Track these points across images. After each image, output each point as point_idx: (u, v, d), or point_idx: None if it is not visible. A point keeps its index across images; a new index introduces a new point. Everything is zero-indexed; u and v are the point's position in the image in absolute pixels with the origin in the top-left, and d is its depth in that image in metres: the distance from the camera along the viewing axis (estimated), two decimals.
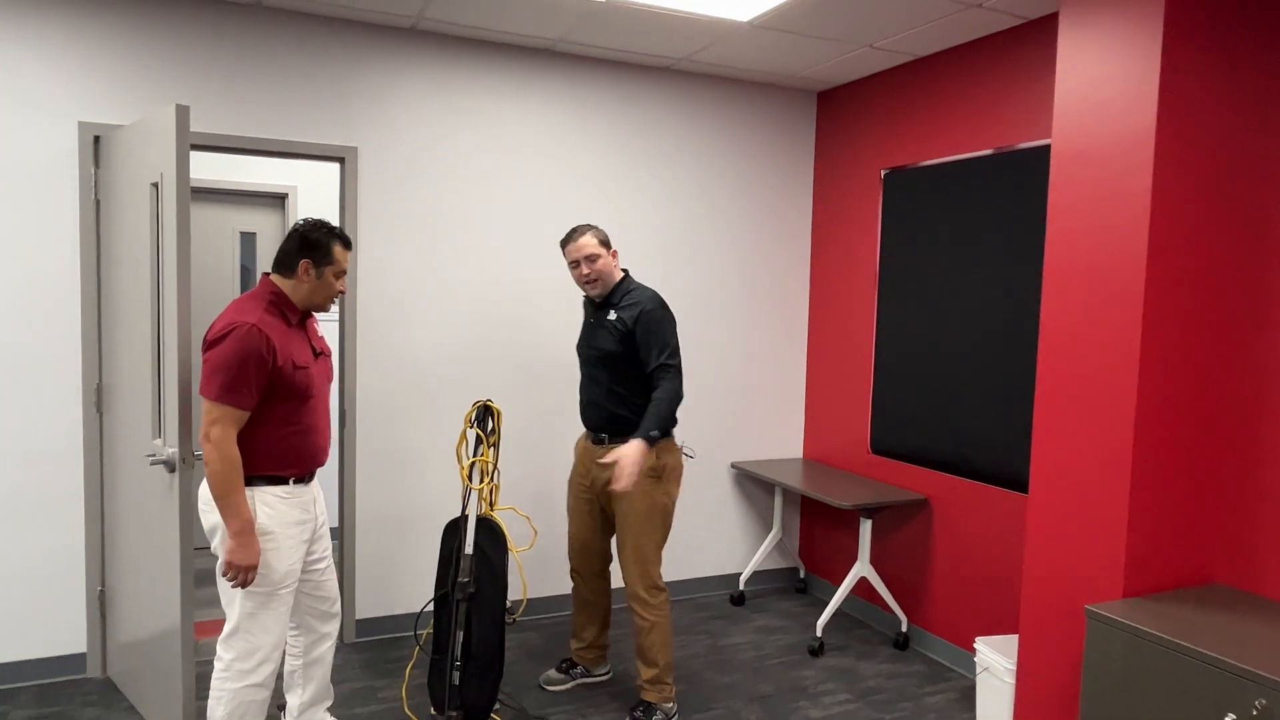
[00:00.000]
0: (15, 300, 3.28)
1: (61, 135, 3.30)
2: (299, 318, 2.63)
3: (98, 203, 3.34)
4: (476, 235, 3.98)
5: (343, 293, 2.69)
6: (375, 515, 3.88)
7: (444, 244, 3.92)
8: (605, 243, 3.13)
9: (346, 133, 3.71)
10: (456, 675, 2.87)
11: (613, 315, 3.12)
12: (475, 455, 3.07)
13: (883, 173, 4.21)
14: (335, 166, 3.81)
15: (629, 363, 3.09)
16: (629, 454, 2.88)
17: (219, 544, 2.49)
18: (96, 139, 3.33)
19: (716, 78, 4.40)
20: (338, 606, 2.86)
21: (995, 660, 3.11)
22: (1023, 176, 3.45)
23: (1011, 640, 3.18)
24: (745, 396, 4.64)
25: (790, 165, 4.65)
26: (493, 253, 4.02)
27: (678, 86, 4.33)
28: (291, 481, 2.58)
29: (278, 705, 3.09)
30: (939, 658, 3.87)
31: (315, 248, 2.58)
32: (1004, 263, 3.54)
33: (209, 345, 2.43)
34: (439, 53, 3.84)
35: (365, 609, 3.89)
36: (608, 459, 2.95)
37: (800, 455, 4.81)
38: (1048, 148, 3.33)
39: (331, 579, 2.82)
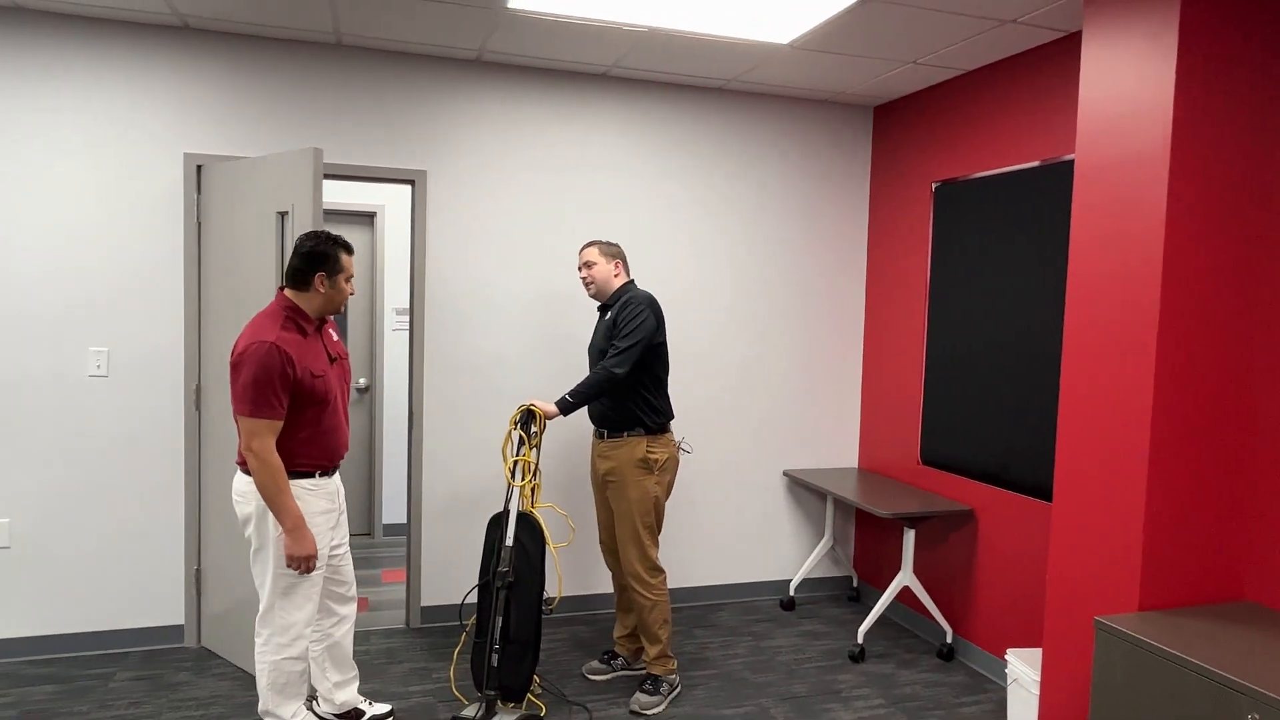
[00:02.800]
0: (128, 310, 3.72)
1: (169, 165, 3.74)
2: (314, 327, 2.85)
3: (199, 224, 3.76)
4: (533, 250, 4.24)
5: (353, 293, 2.95)
6: (439, 509, 4.18)
7: (503, 257, 4.20)
8: (610, 255, 3.47)
9: (417, 157, 4.03)
10: (495, 657, 3.11)
11: (608, 316, 3.44)
12: (518, 454, 3.30)
13: (934, 185, 4.24)
14: (409, 188, 4.14)
15: None
16: (543, 405, 3.30)
17: (251, 532, 2.81)
18: (199, 168, 3.75)
19: (770, 96, 4.54)
20: (354, 590, 3.11)
21: (1023, 672, 3.12)
22: (1068, 188, 3.45)
23: (1039, 652, 3.18)
24: (800, 406, 4.73)
25: (846, 179, 4.73)
26: (548, 266, 4.27)
27: (731, 105, 4.49)
28: (318, 474, 2.84)
29: (308, 696, 3.23)
30: (981, 669, 3.87)
31: (326, 259, 2.80)
32: (1048, 274, 3.54)
33: (234, 366, 2.68)
34: (500, 81, 4.12)
35: (429, 597, 4.19)
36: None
37: (855, 465, 4.86)
38: None
39: (349, 564, 3.08)
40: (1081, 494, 2.77)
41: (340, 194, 5.18)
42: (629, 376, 3.31)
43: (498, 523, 3.25)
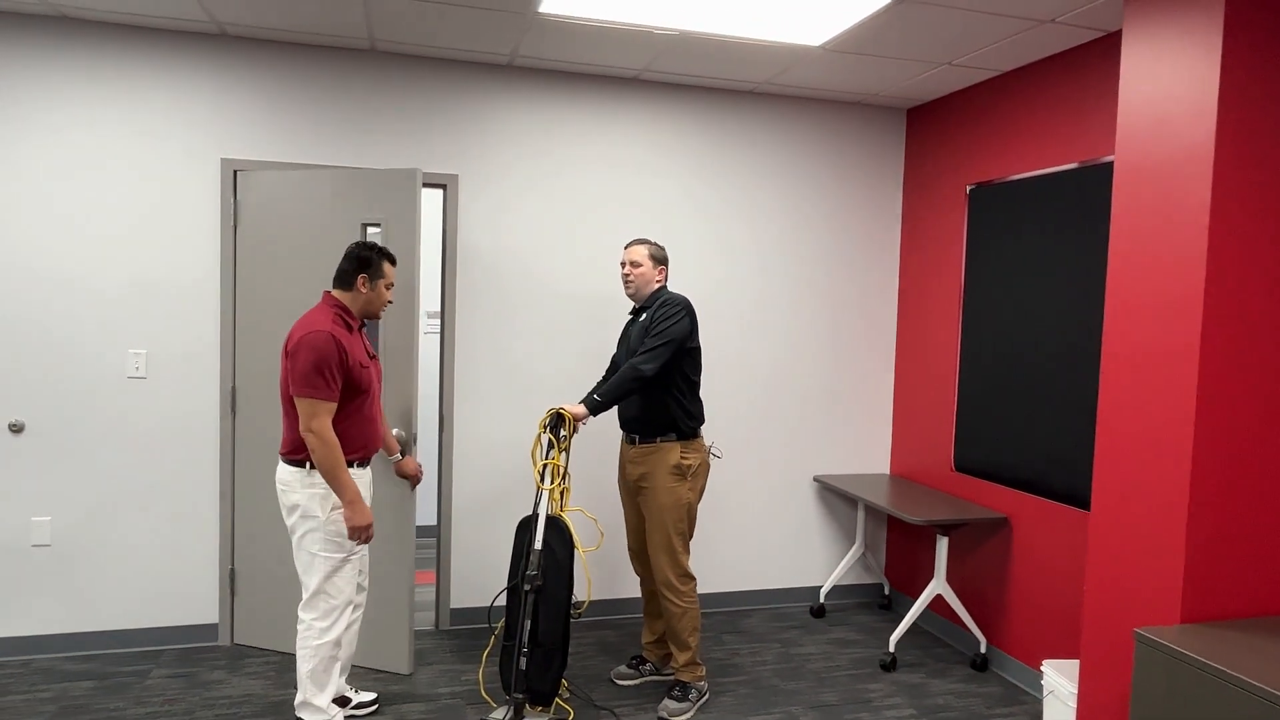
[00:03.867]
0: (166, 312, 3.79)
1: (206, 169, 3.79)
2: (358, 325, 3.08)
3: (235, 228, 3.82)
4: (564, 253, 4.25)
5: (391, 302, 3.15)
6: (469, 511, 4.20)
7: (534, 260, 4.21)
8: (656, 259, 3.44)
9: (449, 161, 4.06)
10: (524, 660, 3.11)
11: (642, 318, 3.41)
12: (547, 458, 3.31)
13: (968, 188, 4.19)
14: (440, 192, 4.17)
15: None
16: (571, 408, 3.26)
17: (296, 520, 2.96)
18: (235, 173, 3.81)
19: (801, 99, 4.51)
20: (367, 579, 3.29)
21: (1060, 684, 3.06)
22: (1107, 190, 3.39)
23: (1077, 664, 3.12)
24: (831, 411, 4.69)
25: (879, 181, 4.68)
26: (578, 268, 4.27)
27: (762, 108, 4.46)
28: (355, 465, 3.02)
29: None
30: (1016, 681, 3.80)
31: (368, 265, 3.04)
32: (1086, 278, 3.47)
33: (291, 353, 2.88)
34: (532, 85, 4.14)
35: (459, 599, 4.21)
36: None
37: (887, 471, 4.80)
38: None
39: (365, 555, 3.25)
40: (1121, 503, 2.71)
41: None
42: (658, 377, 3.29)
43: (526, 526, 3.26)
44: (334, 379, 2.86)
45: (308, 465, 2.92)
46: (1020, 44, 3.52)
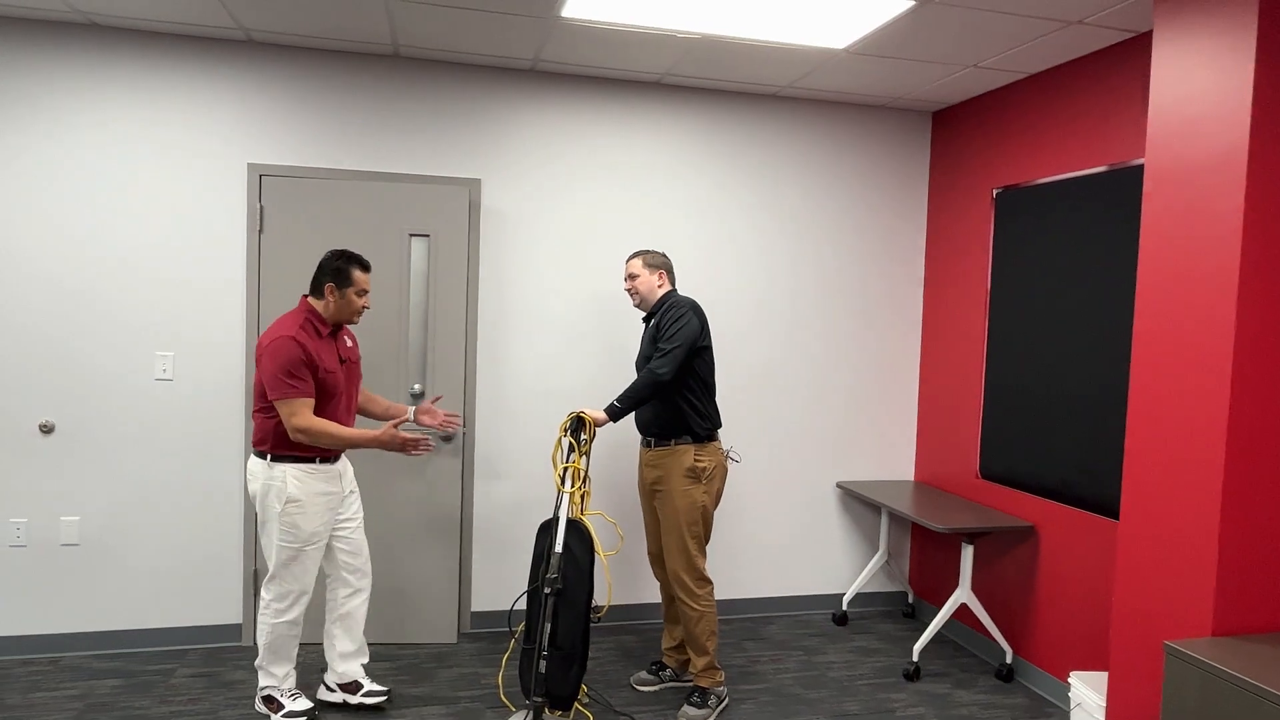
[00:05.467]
0: (193, 315, 3.83)
1: (233, 175, 3.84)
2: (329, 331, 3.18)
3: (260, 233, 3.86)
4: (586, 256, 4.25)
5: (367, 308, 3.25)
6: (490, 515, 4.20)
7: (556, 263, 4.21)
8: (653, 265, 3.47)
9: (471, 165, 4.08)
10: (543, 664, 3.10)
11: (652, 323, 3.43)
12: (568, 461, 3.30)
13: (994, 192, 4.14)
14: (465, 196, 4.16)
15: None
16: (592, 413, 3.30)
17: (259, 507, 3.14)
18: (261, 177, 3.85)
19: (824, 102, 4.48)
20: (369, 566, 3.40)
21: (1088, 696, 3.00)
22: (1137, 193, 3.33)
23: (1106, 676, 3.06)
24: (854, 418, 4.65)
25: (904, 185, 4.64)
26: (600, 272, 4.27)
27: (785, 112, 4.44)
28: (318, 460, 3.16)
29: (319, 669, 3.63)
30: (1042, 691, 3.73)
31: (336, 274, 3.14)
32: (1115, 282, 3.42)
33: (258, 359, 3.07)
34: (554, 90, 4.15)
35: (480, 602, 4.21)
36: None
37: (911, 478, 4.75)
38: None
39: (362, 538, 3.37)
40: (1151, 512, 2.65)
41: None
42: (674, 380, 3.29)
43: (547, 529, 3.25)
44: (303, 376, 3.02)
45: (268, 457, 3.11)
46: (1047, 46, 3.47)
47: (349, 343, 3.35)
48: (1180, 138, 2.59)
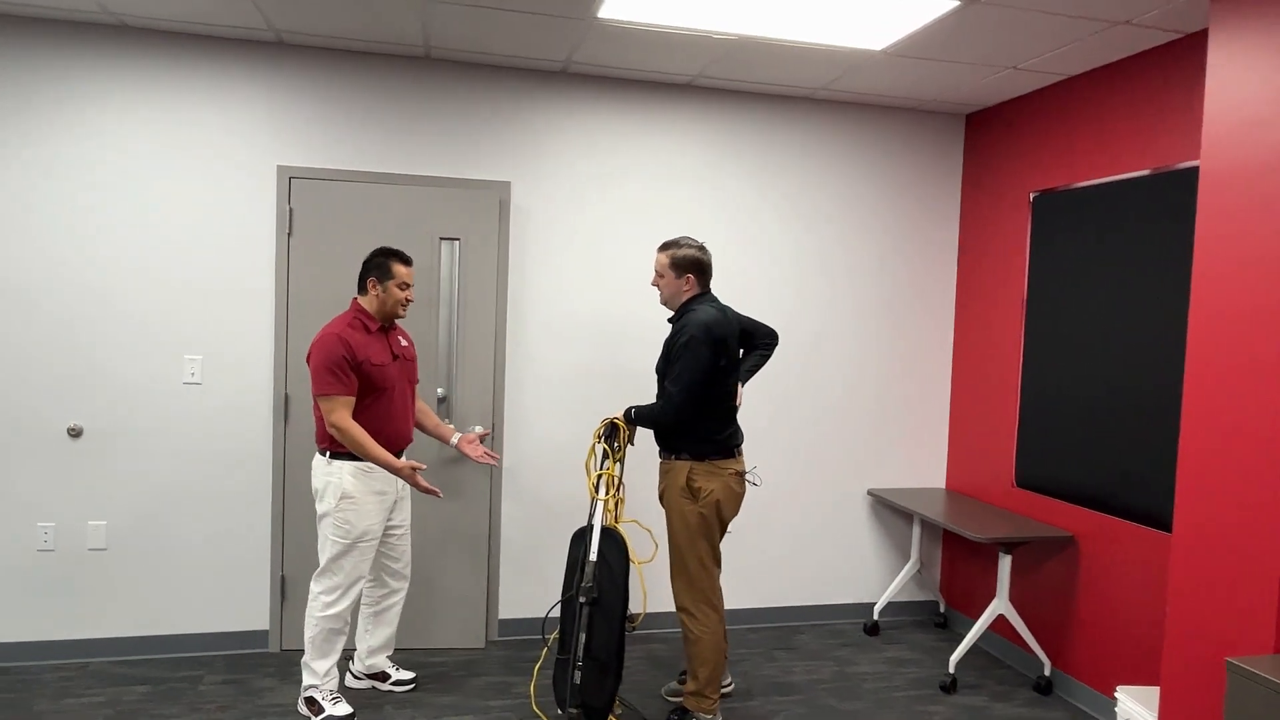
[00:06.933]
0: (221, 318, 3.80)
1: (262, 177, 3.81)
2: (378, 326, 3.26)
3: (290, 235, 3.82)
4: (617, 259, 4.20)
5: (410, 300, 3.29)
6: (518, 521, 4.15)
7: (586, 267, 4.17)
8: (680, 266, 3.21)
9: (500, 168, 4.04)
10: (578, 675, 3.05)
11: (670, 332, 3.25)
12: (602, 469, 3.25)
13: (1031, 195, 4.07)
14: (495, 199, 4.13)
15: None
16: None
17: (317, 502, 3.22)
18: (290, 180, 3.82)
19: (855, 105, 4.42)
20: (409, 569, 3.52)
21: (1136, 711, 2.93)
22: (1182, 198, 3.26)
23: (1155, 691, 2.98)
24: (885, 424, 4.58)
25: (935, 189, 4.58)
26: (631, 276, 4.22)
27: (816, 114, 4.39)
28: None
29: (346, 652, 3.62)
30: (1084, 706, 3.65)
31: (378, 268, 3.23)
32: (1161, 287, 3.34)
33: (307, 358, 3.17)
34: (584, 92, 4.11)
35: (506, 610, 4.16)
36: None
37: (943, 485, 4.68)
38: None
39: (406, 544, 3.48)
40: (1207, 523, 2.58)
41: None
42: (688, 412, 3.15)
43: (581, 537, 3.20)
44: (345, 373, 3.09)
45: (328, 455, 3.19)
46: (1092, 46, 3.41)
47: (403, 341, 3.40)
48: (1237, 139, 2.52)
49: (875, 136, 4.47)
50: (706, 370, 3.11)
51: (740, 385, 3.35)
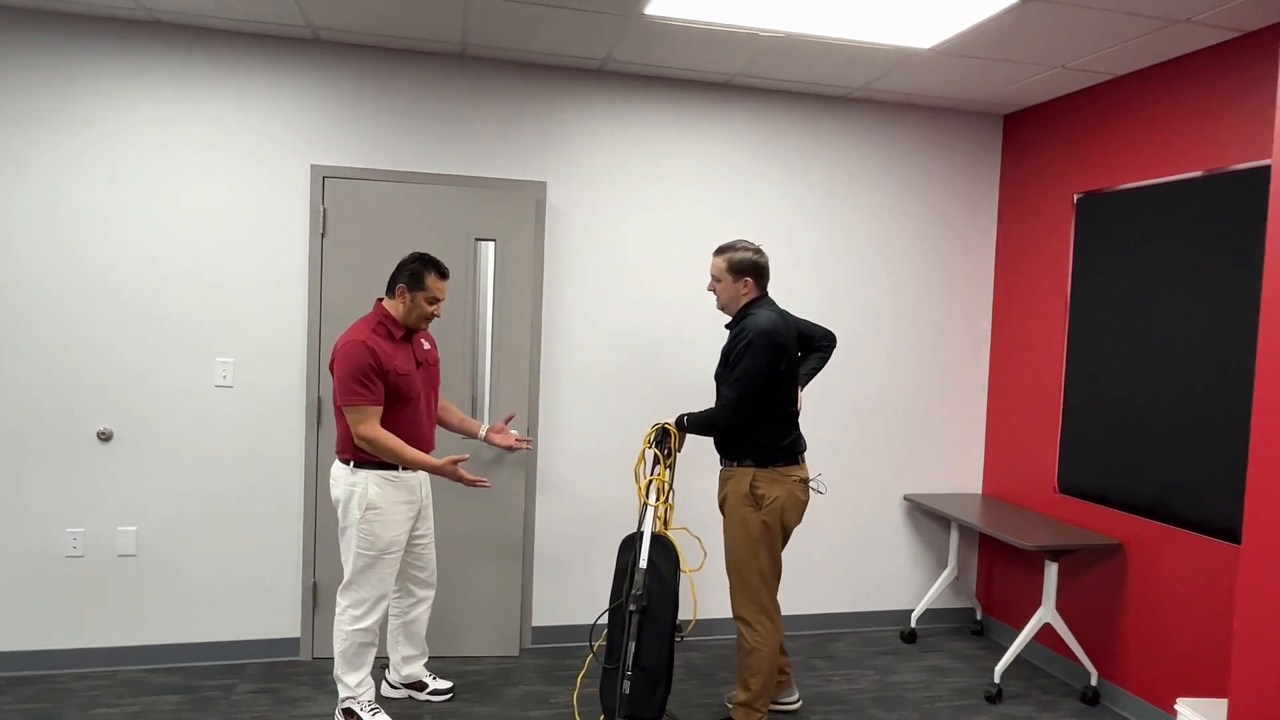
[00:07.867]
0: (253, 321, 3.73)
1: (296, 177, 3.74)
2: (403, 334, 3.14)
3: (323, 235, 3.76)
4: (655, 260, 4.14)
5: (436, 316, 3.16)
6: (553, 528, 4.08)
7: (624, 268, 4.10)
8: (737, 270, 3.16)
9: (536, 168, 3.97)
10: (627, 685, 2.98)
11: (729, 336, 3.19)
12: (652, 474, 3.19)
13: (1075, 197, 4.01)
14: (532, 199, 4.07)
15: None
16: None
17: (339, 513, 3.13)
18: (324, 179, 3.75)
19: (895, 104, 4.36)
20: (434, 578, 3.44)
21: None
22: (1238, 200, 3.20)
23: (1219, 705, 2.92)
24: (921, 429, 4.52)
25: (974, 190, 4.52)
26: (670, 277, 4.16)
27: (856, 114, 4.33)
28: (400, 468, 3.11)
29: (381, 666, 3.63)
30: (1132, 716, 3.59)
31: (411, 276, 3.10)
32: (1213, 291, 3.28)
33: (331, 365, 3.07)
34: (621, 91, 4.04)
35: (541, 617, 4.09)
36: None
37: (979, 491, 4.61)
38: (1267, 168, 3.08)
39: (431, 553, 3.40)
40: (1279, 532, 2.51)
41: None
42: (744, 416, 3.10)
43: (630, 544, 3.14)
44: (372, 382, 2.98)
45: (351, 464, 3.08)
46: (1146, 45, 3.35)
47: (426, 345, 3.30)
48: None
49: (912, 136, 4.41)
50: (764, 375, 3.06)
51: (799, 389, 3.28)
